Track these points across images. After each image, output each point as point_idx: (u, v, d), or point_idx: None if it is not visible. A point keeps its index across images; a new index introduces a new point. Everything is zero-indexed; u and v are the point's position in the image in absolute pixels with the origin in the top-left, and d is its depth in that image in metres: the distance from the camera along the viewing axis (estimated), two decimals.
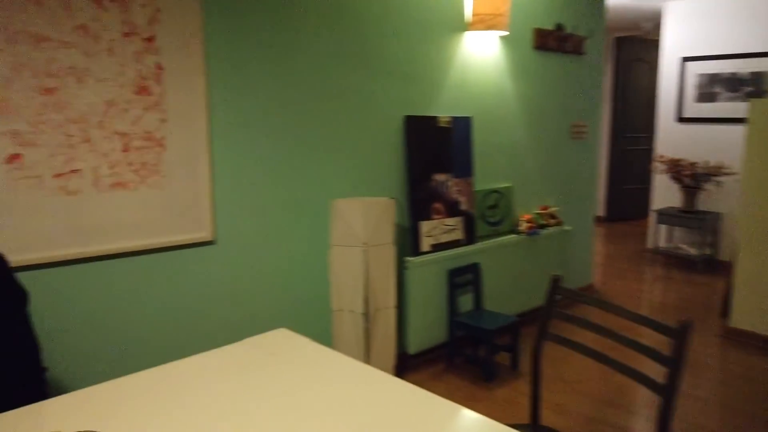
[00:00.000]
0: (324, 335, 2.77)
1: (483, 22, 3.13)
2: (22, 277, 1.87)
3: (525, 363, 3.13)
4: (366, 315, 2.58)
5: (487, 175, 3.45)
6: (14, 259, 1.84)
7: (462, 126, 3.21)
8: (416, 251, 2.99)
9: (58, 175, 1.91)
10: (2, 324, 1.23)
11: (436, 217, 3.08)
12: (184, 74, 2.14)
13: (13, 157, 1.81)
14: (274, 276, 2.53)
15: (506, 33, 3.32)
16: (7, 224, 1.82)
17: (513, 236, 3.51)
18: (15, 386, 1.25)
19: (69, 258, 1.95)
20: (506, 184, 3.59)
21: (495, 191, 3.50)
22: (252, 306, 2.48)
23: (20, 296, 1.31)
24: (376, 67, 2.80)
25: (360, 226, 2.54)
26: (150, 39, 2.04)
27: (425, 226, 3.03)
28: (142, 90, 2.05)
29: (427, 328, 3.05)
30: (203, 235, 2.28)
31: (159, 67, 2.07)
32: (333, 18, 2.60)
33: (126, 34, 1.99)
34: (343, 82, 2.67)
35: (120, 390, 1.23)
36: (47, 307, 1.93)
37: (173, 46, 2.10)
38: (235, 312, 2.43)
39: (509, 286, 3.51)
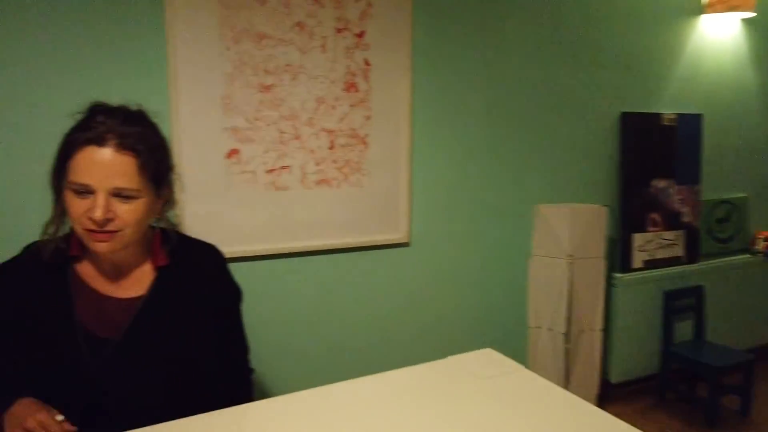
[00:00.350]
0: (517, 353, 2.55)
1: (723, 3, 2.64)
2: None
3: (759, 410, 2.59)
4: (567, 335, 2.32)
5: (717, 183, 2.94)
6: (226, 251, 1.92)
7: (689, 124, 2.75)
8: (626, 267, 2.63)
9: (270, 171, 1.95)
10: (215, 321, 1.23)
11: (652, 229, 2.68)
12: (391, 71, 2.08)
13: (233, 152, 1.89)
14: (466, 283, 2.38)
15: (752, 14, 2.77)
16: (224, 217, 1.91)
17: (746, 256, 2.96)
18: (223, 387, 1.25)
19: (272, 252, 2.00)
20: (740, 195, 3.03)
21: (726, 202, 2.97)
22: (441, 313, 2.35)
23: (235, 293, 1.31)
24: (588, 59, 2.50)
25: (566, 235, 2.28)
26: (360, 34, 2.01)
27: (639, 239, 2.65)
28: (350, 86, 2.02)
29: (635, 356, 2.67)
30: (399, 236, 2.20)
31: (367, 63, 2.03)
32: (540, 9, 2.36)
33: (339, 30, 1.97)
34: (550, 78, 2.42)
35: (319, 399, 1.17)
36: (248, 302, 1.99)
37: (382, 42, 2.04)
38: (424, 317, 2.32)
39: (740, 315, 2.95)
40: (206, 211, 1.87)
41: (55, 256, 1.11)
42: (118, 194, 1.04)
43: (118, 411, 1.12)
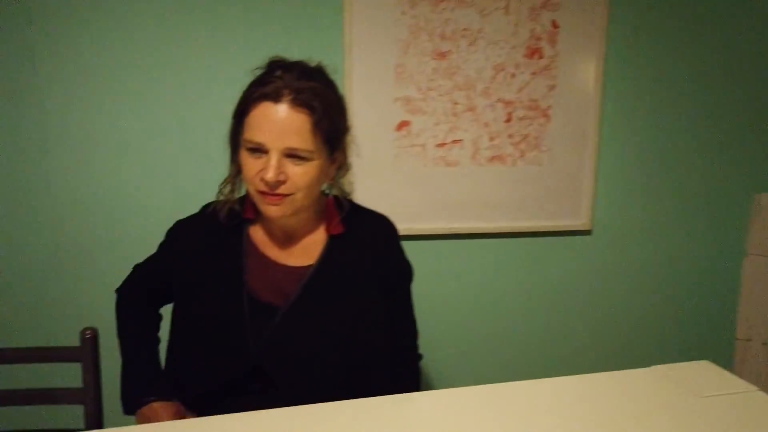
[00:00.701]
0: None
1: None
2: None
3: None
4: None
5: None
6: None
7: None
8: None
9: (441, 145, 1.82)
10: (385, 299, 1.13)
11: None
12: (581, 33, 1.83)
13: (403, 124, 1.79)
14: (657, 281, 2.05)
15: None
16: (389, 192, 1.82)
17: None
18: (389, 371, 1.15)
19: (436, 233, 1.87)
20: None
21: None
22: (624, 314, 2.06)
23: (407, 270, 1.20)
24: None
25: None
26: None
27: None
28: (533, 52, 1.81)
29: None
30: (580, 222, 1.95)
31: (554, 25, 1.81)
32: None
33: None
34: None
35: (488, 398, 1.01)
36: None
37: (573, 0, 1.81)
38: (604, 317, 2.05)
39: None
40: (371, 185, 1.80)
41: (230, 218, 1.09)
42: (291, 155, 0.98)
43: (277, 382, 1.07)
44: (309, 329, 1.07)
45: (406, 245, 1.80)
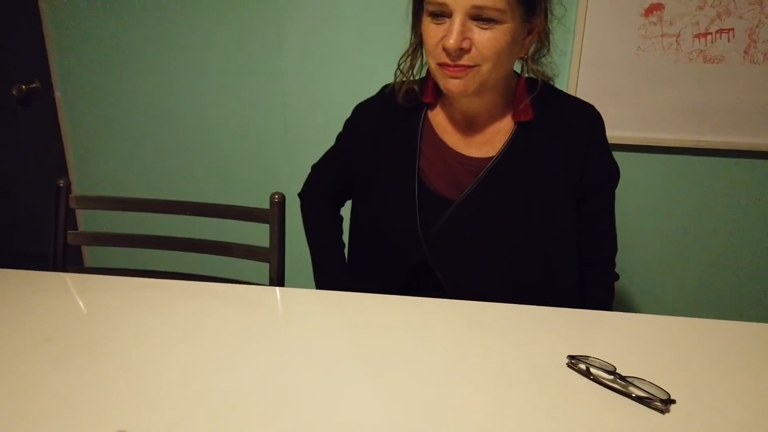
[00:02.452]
0: None
1: None
2: None
3: None
4: None
5: None
6: (614, 135, 1.56)
7: None
8: None
9: (701, 35, 1.45)
10: (582, 202, 0.96)
11: None
12: None
13: (654, 8, 1.46)
14: None
15: None
16: (623, 91, 1.53)
17: None
18: (578, 286, 0.99)
19: (677, 145, 1.54)
20: None
21: None
22: None
23: (612, 171, 0.99)
24: None
25: None
26: None
27: None
28: None
29: None
30: None
31: None
32: None
33: None
34: None
35: None
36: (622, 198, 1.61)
37: None
38: None
39: None
40: (600, 80, 1.53)
41: (408, 100, 1.00)
42: (478, 17, 0.83)
43: (444, 282, 1.00)
44: (481, 227, 0.96)
45: (630, 158, 1.52)
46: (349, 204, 1.16)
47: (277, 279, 1.15)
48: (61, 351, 0.80)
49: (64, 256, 1.21)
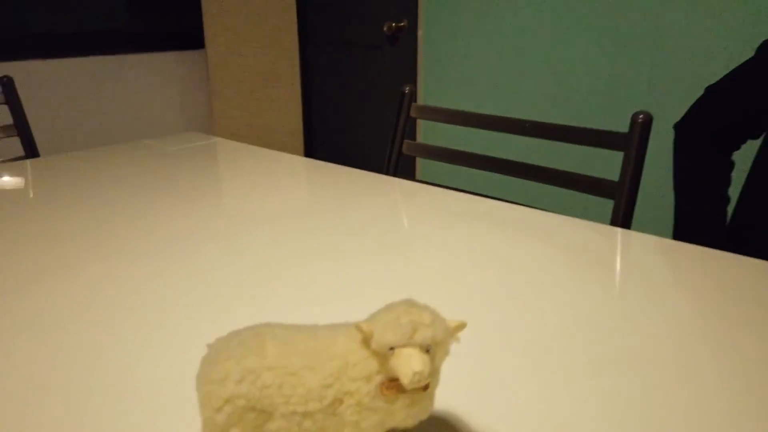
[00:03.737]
0: None
1: None
2: None
3: None
4: None
5: None
6: None
7: None
8: None
9: None
10: None
11: None
12: None
13: None
14: None
15: None
16: None
17: None
18: None
19: None
20: None
21: None
22: None
23: None
24: None
25: None
26: None
27: None
28: None
29: None
30: None
31: None
32: None
33: None
34: None
35: None
36: None
37: None
38: None
39: None
40: None
41: None
42: None
43: None
44: None
45: None
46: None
47: (622, 219, 0.90)
48: (374, 243, 0.73)
49: (396, 164, 1.18)
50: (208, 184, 0.98)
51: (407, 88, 1.16)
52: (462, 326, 0.34)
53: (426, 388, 0.34)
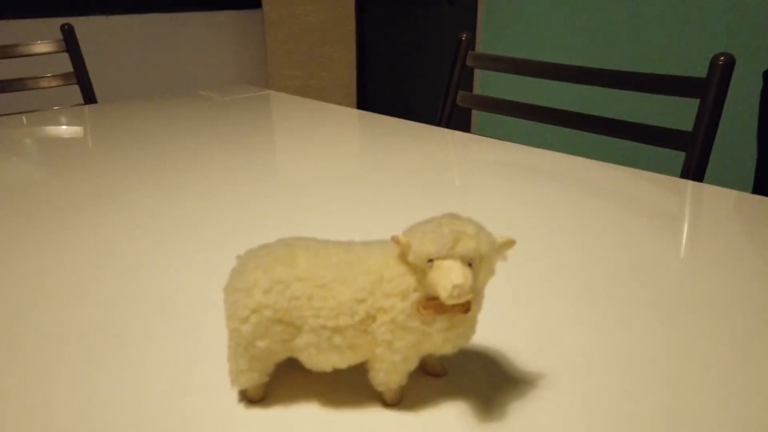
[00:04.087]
0: None
1: None
2: None
3: None
4: None
5: None
6: None
7: None
8: None
9: None
10: None
11: None
12: None
13: None
14: None
15: None
16: None
17: None
18: None
19: None
20: None
21: None
22: None
23: None
24: None
25: None
26: None
27: None
28: None
29: None
30: None
31: None
32: None
33: None
34: None
35: None
36: None
37: None
38: None
39: None
40: None
41: None
42: None
43: None
44: None
45: None
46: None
47: (695, 172, 0.83)
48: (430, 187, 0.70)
49: (450, 116, 1.14)
50: (259, 131, 0.97)
51: (464, 35, 1.11)
52: (510, 243, 0.31)
53: (467, 310, 0.30)
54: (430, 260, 0.29)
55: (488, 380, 0.36)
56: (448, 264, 0.28)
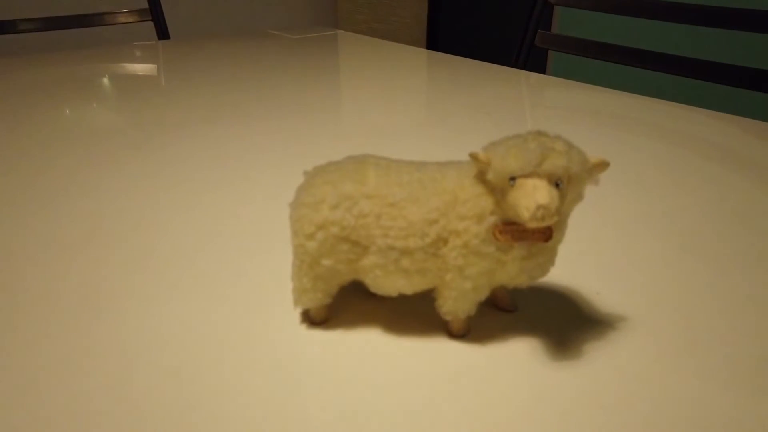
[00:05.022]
0: None
1: None
2: None
3: None
4: None
5: None
6: None
7: None
8: None
9: None
10: None
11: None
12: None
13: None
14: None
15: None
16: None
17: None
18: None
19: None
20: None
21: None
22: None
23: None
24: None
25: None
26: None
27: None
28: None
29: None
30: None
31: None
32: None
33: None
34: None
35: None
36: None
37: None
38: None
39: None
40: None
41: None
42: None
43: None
44: None
45: None
46: None
47: None
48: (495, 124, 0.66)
49: (527, 57, 1.07)
50: (327, 69, 0.95)
51: None
52: (604, 165, 0.27)
53: (548, 238, 0.28)
54: (513, 178, 0.26)
55: (563, 319, 0.33)
56: (532, 182, 0.25)
